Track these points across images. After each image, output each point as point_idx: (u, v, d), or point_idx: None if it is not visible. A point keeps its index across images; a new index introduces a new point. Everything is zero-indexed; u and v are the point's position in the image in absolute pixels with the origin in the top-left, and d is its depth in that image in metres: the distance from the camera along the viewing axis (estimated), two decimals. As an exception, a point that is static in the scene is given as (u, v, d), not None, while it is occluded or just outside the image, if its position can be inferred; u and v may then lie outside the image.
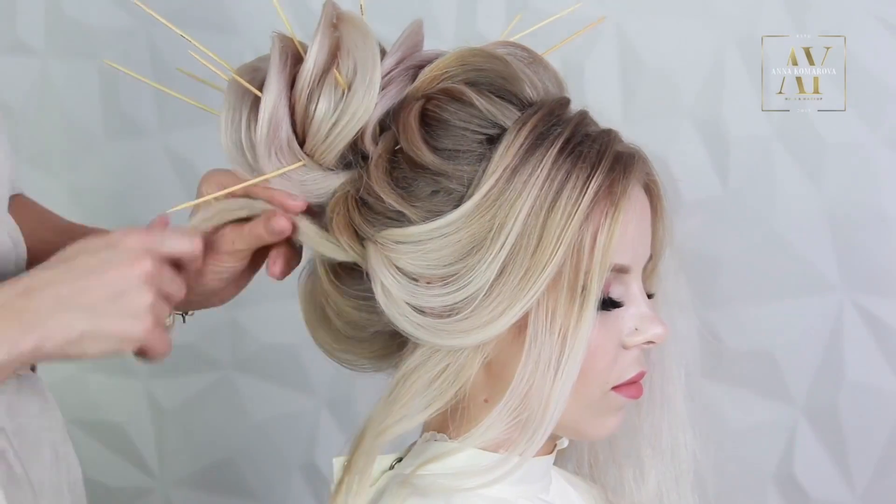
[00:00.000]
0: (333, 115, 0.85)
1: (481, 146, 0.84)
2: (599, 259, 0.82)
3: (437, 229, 0.83)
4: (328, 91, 0.85)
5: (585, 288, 0.82)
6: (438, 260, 0.83)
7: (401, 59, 0.88)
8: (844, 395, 1.39)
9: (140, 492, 1.70)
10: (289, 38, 0.87)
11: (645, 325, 0.86)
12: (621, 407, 0.89)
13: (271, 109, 0.85)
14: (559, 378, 0.82)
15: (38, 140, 1.68)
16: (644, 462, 0.95)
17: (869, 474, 1.39)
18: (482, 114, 0.85)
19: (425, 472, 0.85)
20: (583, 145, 0.84)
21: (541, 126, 0.84)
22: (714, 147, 1.41)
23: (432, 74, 0.87)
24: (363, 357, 0.92)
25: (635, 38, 1.43)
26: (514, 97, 0.86)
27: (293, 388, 1.62)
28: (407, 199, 0.84)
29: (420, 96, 0.87)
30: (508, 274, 0.82)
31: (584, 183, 0.82)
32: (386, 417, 0.85)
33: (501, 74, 0.86)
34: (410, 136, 0.85)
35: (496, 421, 0.84)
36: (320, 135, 0.85)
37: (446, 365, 0.84)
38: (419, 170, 0.84)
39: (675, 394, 0.93)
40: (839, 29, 1.35)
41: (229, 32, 1.56)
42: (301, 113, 0.86)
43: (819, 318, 1.40)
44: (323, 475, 1.61)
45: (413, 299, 0.83)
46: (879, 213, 1.36)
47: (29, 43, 1.66)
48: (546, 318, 0.83)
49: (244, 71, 0.88)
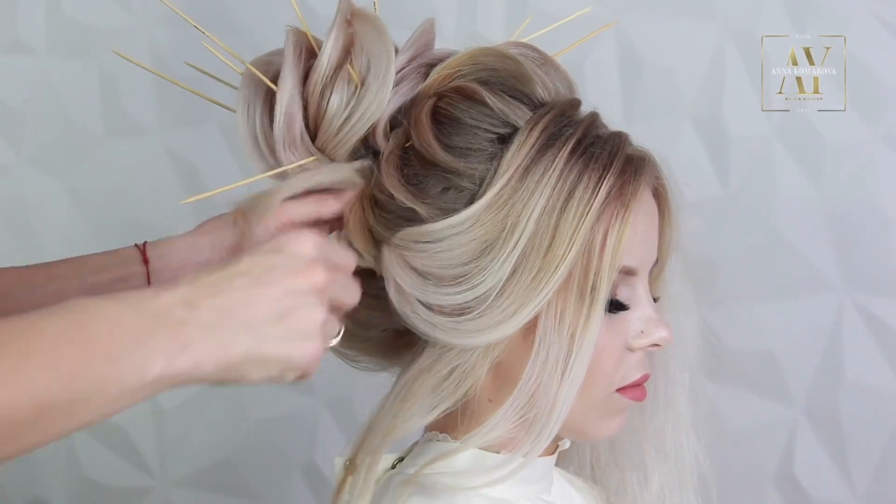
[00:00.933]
0: (346, 110, 0.85)
1: (492, 145, 0.85)
2: (609, 260, 0.82)
3: (450, 227, 0.83)
4: (341, 86, 0.85)
5: (594, 288, 0.83)
6: (451, 260, 0.83)
7: (413, 56, 0.88)
8: (844, 395, 1.39)
9: (140, 492, 1.70)
10: (302, 33, 0.87)
11: (651, 328, 0.87)
12: (624, 409, 0.89)
13: (287, 103, 0.85)
14: (567, 378, 0.83)
15: (38, 140, 1.68)
16: (647, 465, 0.95)
17: (869, 474, 1.39)
18: (494, 113, 0.85)
19: (429, 471, 0.85)
20: (594, 147, 0.84)
21: (552, 126, 0.84)
22: (714, 147, 1.41)
23: (444, 73, 0.87)
24: (369, 355, 0.93)
25: (635, 37, 1.43)
26: (526, 97, 0.87)
27: (293, 388, 1.61)
28: (418, 195, 0.84)
29: (432, 94, 0.87)
30: (520, 274, 0.82)
31: (595, 184, 0.83)
32: (394, 417, 0.85)
33: (513, 74, 0.87)
34: (422, 133, 0.85)
35: (502, 420, 0.84)
36: (332, 129, 0.85)
37: (455, 366, 0.84)
38: (430, 167, 0.85)
39: (679, 397, 0.93)
40: (839, 29, 1.35)
41: (229, 32, 1.56)
42: (314, 107, 0.86)
43: (819, 318, 1.39)
44: (323, 475, 1.61)
45: (426, 297, 0.84)
46: (879, 213, 1.36)
47: (29, 43, 1.66)
48: (555, 319, 0.83)
49: (258, 64, 0.89)
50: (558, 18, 0.98)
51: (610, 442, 0.96)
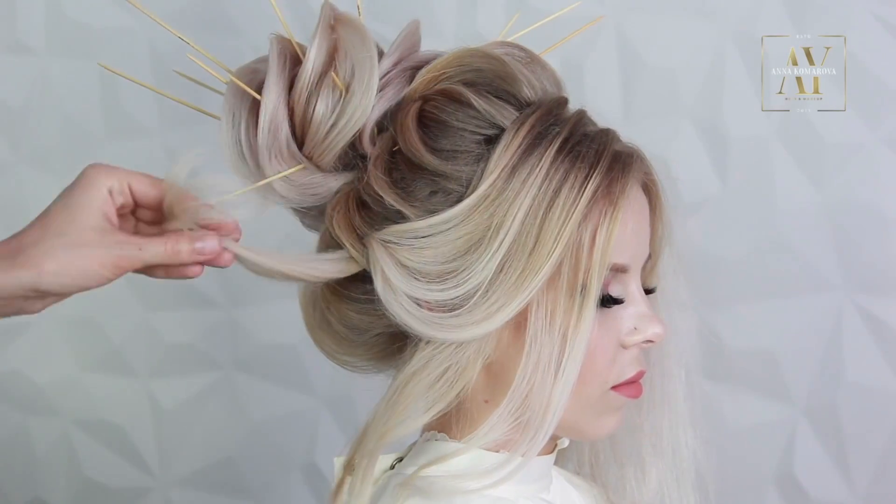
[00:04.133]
0: (332, 116, 0.85)
1: (479, 146, 0.84)
2: (598, 258, 0.82)
3: (436, 225, 0.83)
4: (326, 93, 0.85)
5: (585, 287, 0.83)
6: (436, 257, 0.83)
7: (398, 60, 0.88)
8: (844, 395, 1.39)
9: (140, 492, 1.70)
10: (287, 40, 0.87)
11: (644, 325, 0.86)
12: (621, 407, 0.89)
13: (271, 112, 0.85)
14: (560, 378, 0.83)
15: (38, 140, 1.68)
16: (645, 461, 0.95)
17: (869, 474, 1.39)
18: (480, 114, 0.85)
19: (427, 473, 0.85)
20: (581, 145, 0.84)
21: (539, 126, 0.84)
22: (714, 147, 1.41)
23: (430, 76, 0.87)
24: (364, 359, 0.93)
25: (635, 37, 1.43)
26: (512, 97, 0.86)
27: (293, 388, 1.62)
28: (406, 198, 0.84)
29: (417, 97, 0.87)
30: (505, 273, 0.82)
31: (582, 183, 0.83)
32: (388, 419, 0.85)
33: (499, 74, 0.86)
34: (408, 138, 0.85)
35: (498, 423, 0.84)
36: (319, 136, 0.85)
37: (447, 367, 0.84)
38: (417, 170, 0.84)
39: (676, 393, 0.93)
40: (839, 29, 1.35)
41: (229, 32, 1.56)
42: (300, 115, 0.85)
43: (819, 318, 1.40)
44: (323, 475, 1.61)
45: (412, 292, 0.84)
46: (879, 213, 1.36)
47: (29, 43, 1.66)
48: (546, 318, 0.83)
49: (243, 73, 0.88)
50: (559, 18, 0.98)
51: (609, 438, 0.96)
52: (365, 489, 0.84)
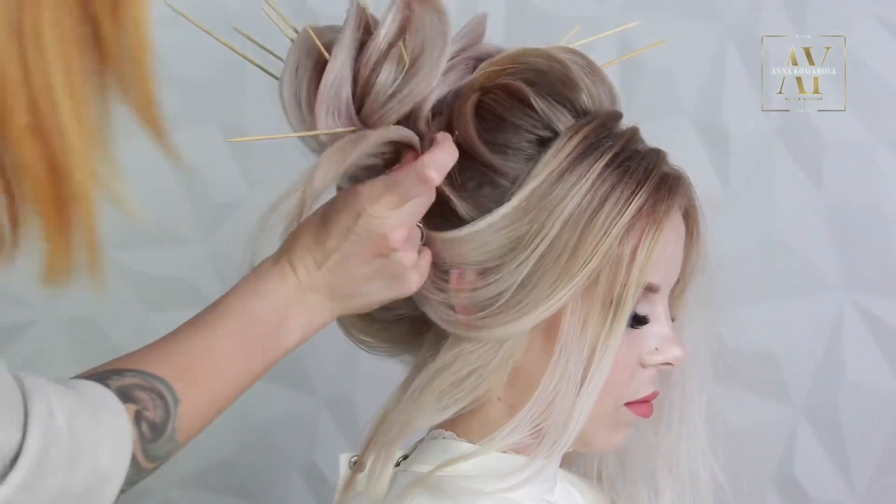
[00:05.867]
0: (393, 85, 0.85)
1: (531, 146, 0.85)
2: (636, 275, 0.83)
3: (477, 233, 0.84)
4: (391, 63, 0.85)
5: (620, 302, 0.83)
6: (475, 256, 0.84)
7: (462, 48, 0.89)
8: (844, 395, 1.39)
9: (140, 492, 1.70)
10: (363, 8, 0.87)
11: (665, 346, 0.87)
12: (631, 423, 0.90)
13: (338, 70, 0.84)
14: (585, 388, 0.83)
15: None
16: (659, 482, 0.95)
17: (869, 474, 1.39)
18: (537, 114, 0.85)
19: (441, 473, 0.86)
20: (631, 161, 0.85)
21: (592, 136, 0.85)
22: (714, 147, 1.41)
23: (492, 69, 0.87)
24: (380, 340, 0.93)
25: (635, 37, 1.43)
26: (570, 103, 0.87)
27: (293, 388, 1.61)
28: (456, 188, 0.85)
29: (478, 88, 0.87)
30: (539, 277, 0.83)
31: (627, 198, 0.83)
32: (411, 411, 0.85)
33: (560, 78, 0.87)
34: (464, 125, 0.85)
35: (518, 427, 0.85)
36: (377, 103, 0.85)
37: (475, 367, 0.85)
38: (468, 160, 0.85)
39: (695, 417, 0.94)
40: (839, 29, 1.35)
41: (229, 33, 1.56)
42: (363, 79, 0.85)
43: (819, 317, 1.40)
44: (323, 475, 1.61)
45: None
46: (879, 213, 1.36)
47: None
48: (578, 326, 0.83)
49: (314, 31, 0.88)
50: (559, 18, 0.98)
51: (620, 456, 0.96)
52: (384, 477, 0.85)
